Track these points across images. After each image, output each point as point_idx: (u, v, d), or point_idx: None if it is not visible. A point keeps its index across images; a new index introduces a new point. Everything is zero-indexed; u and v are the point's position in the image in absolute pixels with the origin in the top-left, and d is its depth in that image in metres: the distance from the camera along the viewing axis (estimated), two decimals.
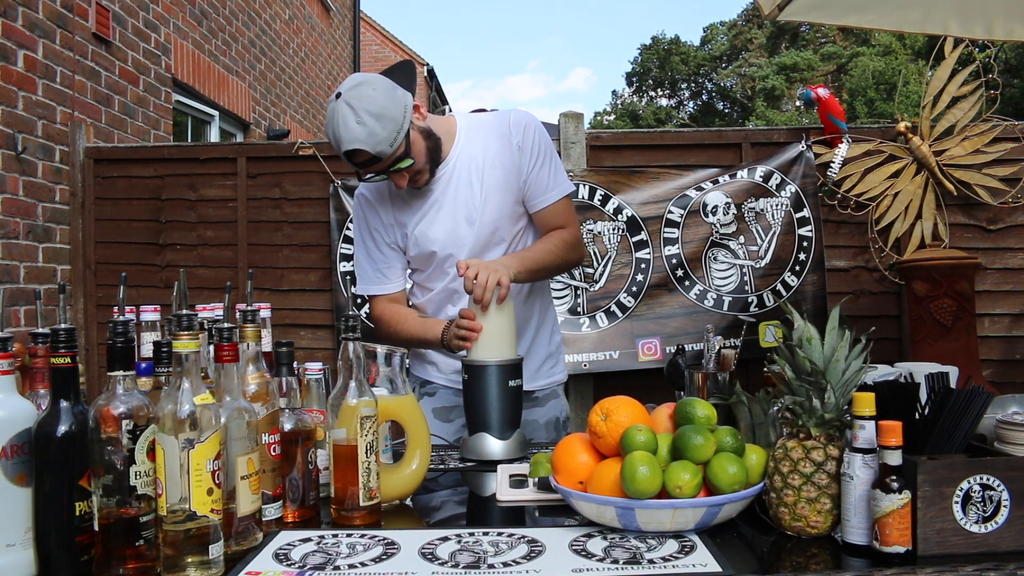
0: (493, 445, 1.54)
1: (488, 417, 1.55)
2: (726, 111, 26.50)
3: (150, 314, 1.19)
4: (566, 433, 1.89)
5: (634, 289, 3.12)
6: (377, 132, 1.56)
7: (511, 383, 1.55)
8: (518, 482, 1.35)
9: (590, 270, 3.14)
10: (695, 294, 3.12)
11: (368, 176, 1.65)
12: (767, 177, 3.13)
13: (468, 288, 1.56)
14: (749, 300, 3.12)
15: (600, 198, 3.13)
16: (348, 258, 3.20)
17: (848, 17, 2.13)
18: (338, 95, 1.58)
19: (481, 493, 1.37)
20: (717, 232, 3.14)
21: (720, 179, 3.15)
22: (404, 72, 1.66)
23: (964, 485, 0.99)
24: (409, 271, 1.86)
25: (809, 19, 2.05)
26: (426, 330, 1.73)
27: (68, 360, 0.99)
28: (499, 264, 1.61)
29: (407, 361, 1.42)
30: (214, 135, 5.32)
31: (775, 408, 1.20)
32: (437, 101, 14.95)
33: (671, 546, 1.02)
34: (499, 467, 1.45)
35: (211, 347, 1.11)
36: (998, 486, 1.00)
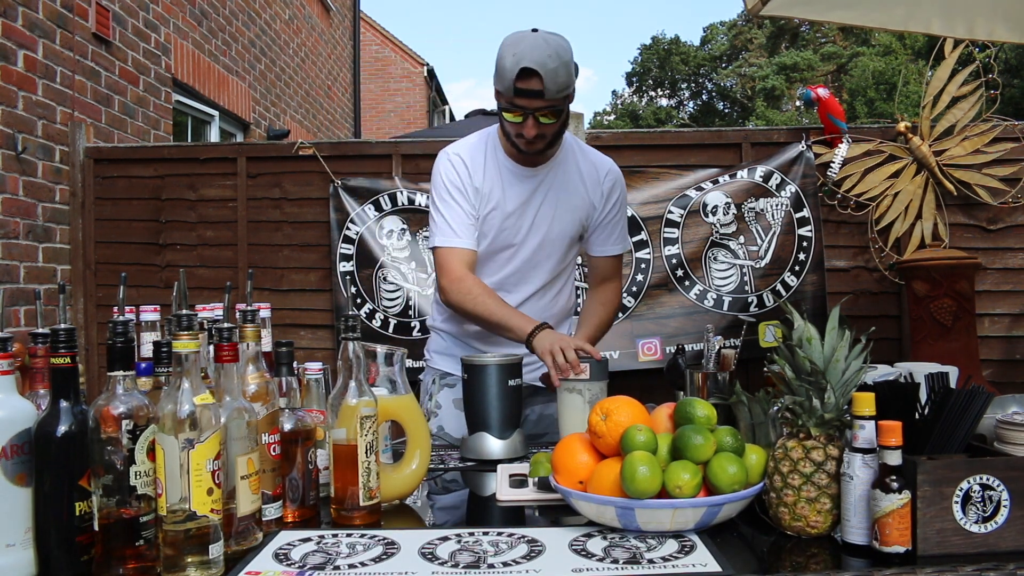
0: (493, 445, 1.54)
1: (488, 417, 1.55)
2: (726, 111, 26.50)
3: (150, 314, 1.19)
4: None
5: (634, 289, 3.12)
6: (558, 73, 1.62)
7: (511, 382, 1.55)
8: (518, 482, 1.35)
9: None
10: (695, 294, 3.12)
11: (513, 106, 1.65)
12: (767, 177, 3.13)
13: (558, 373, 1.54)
14: (749, 300, 3.12)
15: None
16: (348, 258, 3.20)
17: (832, 13, 2.14)
18: (534, 30, 1.66)
19: (481, 493, 1.38)
20: (717, 232, 3.14)
21: (720, 179, 3.15)
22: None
23: (964, 485, 0.99)
24: None
25: (792, 14, 2.05)
26: (511, 317, 1.69)
27: (68, 360, 0.99)
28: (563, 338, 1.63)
29: (407, 361, 1.41)
30: (214, 135, 5.32)
31: (775, 408, 1.20)
32: (437, 101, 14.95)
33: (671, 546, 1.02)
34: (499, 467, 1.45)
35: (211, 347, 1.11)
36: (998, 486, 1.00)
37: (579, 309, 2.08)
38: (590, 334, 1.87)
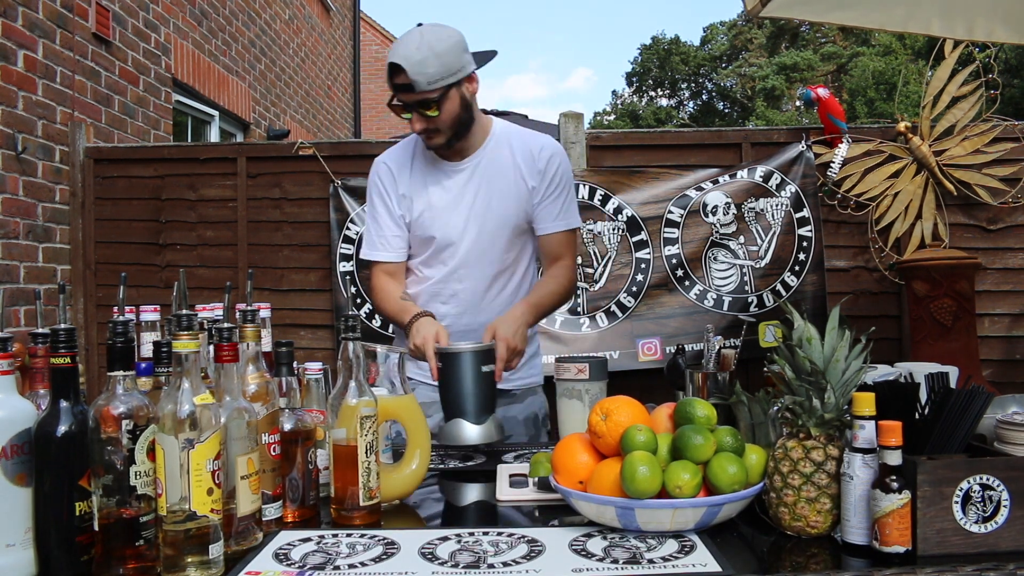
0: (469, 430, 1.54)
1: (463, 402, 1.55)
2: (726, 111, 26.50)
3: (150, 314, 1.19)
4: (545, 430, 1.93)
5: (634, 289, 3.12)
6: (427, 65, 1.62)
7: (484, 368, 1.56)
8: (518, 482, 1.35)
9: (590, 270, 3.14)
10: (695, 294, 3.12)
11: (396, 102, 1.69)
12: (767, 177, 3.13)
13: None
14: (749, 300, 3.12)
15: (600, 198, 3.13)
16: (348, 258, 3.20)
17: (831, 14, 2.14)
18: (419, 24, 1.69)
19: (481, 493, 1.37)
20: (717, 232, 3.14)
21: (720, 179, 3.15)
22: (485, 54, 1.74)
23: (964, 485, 0.99)
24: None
25: (792, 15, 2.05)
26: (399, 311, 1.78)
27: (68, 360, 0.99)
28: (518, 330, 1.68)
29: (407, 361, 1.42)
30: (214, 135, 5.32)
31: (775, 408, 1.20)
32: None
33: (671, 546, 1.02)
34: (499, 467, 1.45)
35: (211, 347, 1.11)
36: (998, 486, 1.00)
37: None
38: (536, 300, 1.79)
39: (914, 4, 2.00)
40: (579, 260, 3.14)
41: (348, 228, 3.20)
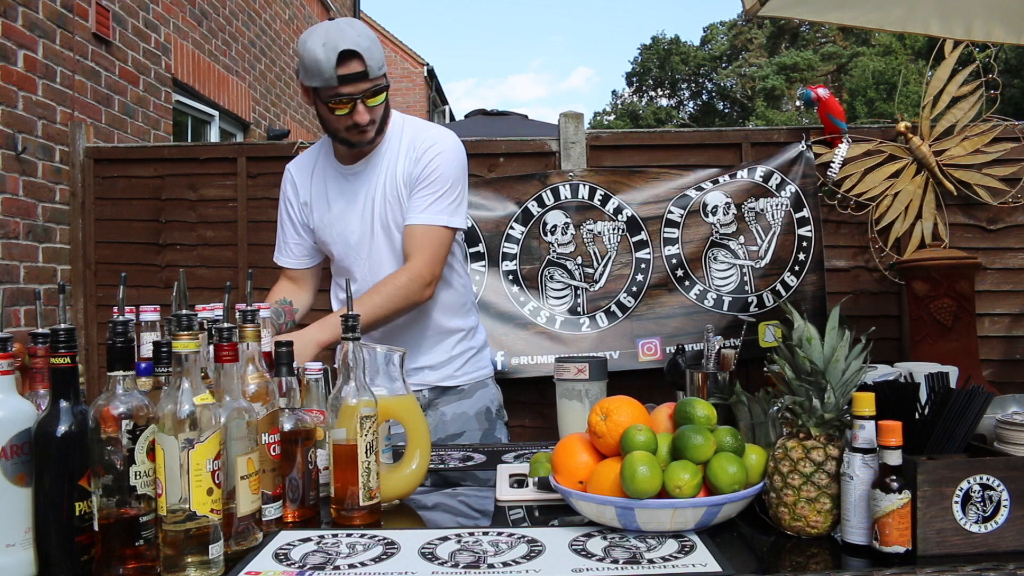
0: None
1: None
2: (726, 111, 26.49)
3: (150, 314, 1.19)
4: (502, 421, 1.92)
5: (634, 289, 3.12)
6: (374, 51, 1.61)
7: None
8: (518, 482, 1.35)
9: (590, 270, 3.14)
10: (695, 294, 3.12)
11: (338, 96, 1.61)
12: (767, 177, 3.13)
13: None
14: (749, 300, 3.12)
15: (600, 198, 3.13)
16: None
17: (830, 14, 2.14)
18: (328, 20, 1.65)
19: (481, 493, 1.37)
20: (717, 232, 3.14)
21: (720, 179, 3.15)
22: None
23: (964, 485, 0.99)
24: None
25: (790, 15, 2.05)
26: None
27: (68, 360, 0.99)
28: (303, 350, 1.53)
29: (406, 361, 1.41)
30: (214, 135, 5.32)
31: (775, 408, 1.20)
32: (437, 101, 14.95)
33: (671, 546, 1.02)
34: (499, 467, 1.45)
35: (211, 347, 1.11)
36: (998, 486, 1.00)
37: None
38: (361, 307, 1.58)
39: (912, 4, 2.01)
40: (579, 260, 3.14)
41: None
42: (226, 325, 1.09)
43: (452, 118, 15.61)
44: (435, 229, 1.73)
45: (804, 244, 3.13)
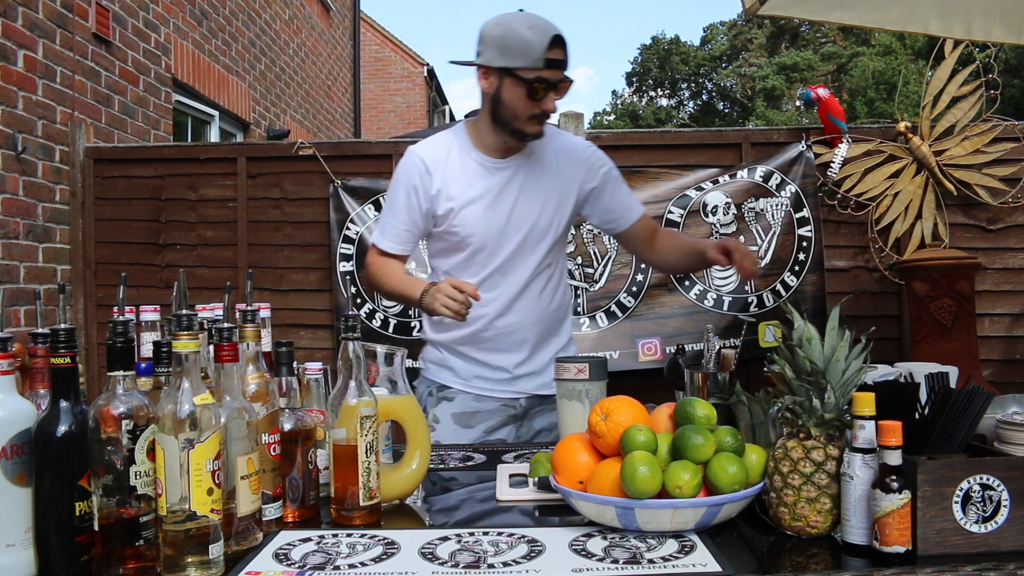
0: None
1: None
2: (726, 111, 26.49)
3: (150, 314, 1.19)
4: None
5: (634, 289, 3.12)
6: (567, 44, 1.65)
7: None
8: (518, 482, 1.35)
9: (590, 270, 3.14)
10: (695, 294, 3.12)
11: (541, 79, 1.62)
12: (767, 177, 3.13)
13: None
14: (749, 300, 3.12)
15: None
16: (348, 258, 3.20)
17: (829, 13, 2.14)
18: (519, 10, 1.66)
19: (481, 493, 1.37)
20: (717, 232, 3.14)
21: (720, 179, 3.15)
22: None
23: (964, 485, 0.99)
24: (434, 253, 1.85)
25: (790, 14, 2.05)
26: (407, 285, 1.74)
27: (68, 360, 0.99)
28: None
29: (407, 361, 1.41)
30: (214, 135, 5.32)
31: (775, 408, 1.20)
32: (437, 101, 14.95)
33: (671, 546, 1.02)
34: (499, 467, 1.45)
35: (211, 347, 1.11)
36: (998, 486, 1.00)
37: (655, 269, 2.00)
38: (688, 238, 1.82)
39: (912, 3, 2.00)
40: (579, 260, 3.14)
41: (348, 228, 3.20)
42: (226, 325, 1.09)
43: (452, 118, 15.61)
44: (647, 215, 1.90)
45: (804, 244, 3.13)
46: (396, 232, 1.79)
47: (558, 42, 1.62)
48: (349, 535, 1.09)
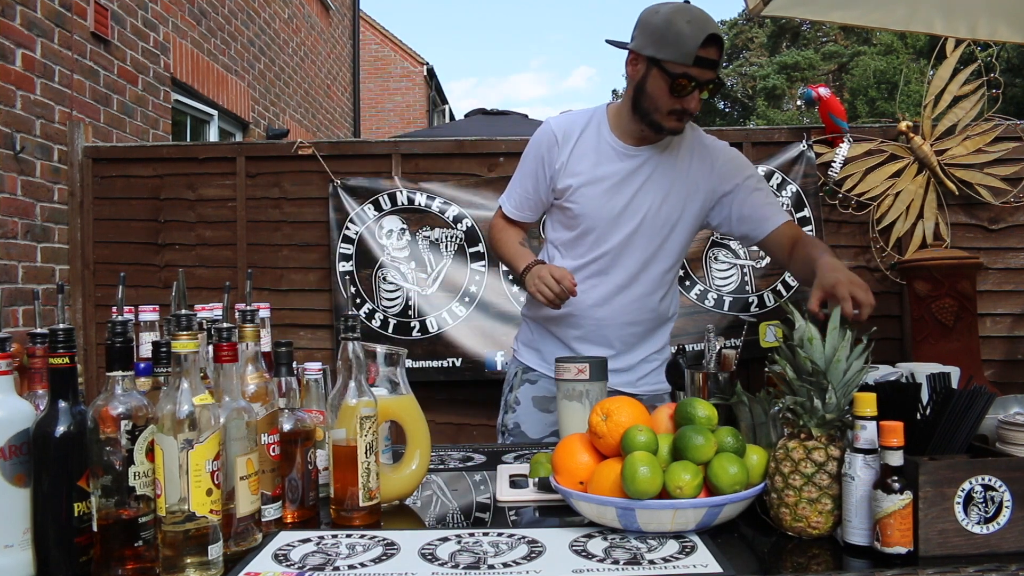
0: None
1: None
2: (727, 110, 26.49)
3: (149, 314, 1.18)
4: None
5: None
6: (723, 45, 1.61)
7: None
8: (518, 482, 1.34)
9: None
10: (696, 294, 3.12)
11: (688, 76, 1.58)
12: (768, 177, 3.12)
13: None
14: (750, 300, 3.11)
15: None
16: (347, 258, 3.20)
17: (833, 13, 2.13)
18: (686, 1, 1.61)
19: (481, 493, 1.37)
20: (718, 232, 3.13)
21: None
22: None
23: (966, 486, 0.99)
24: (550, 224, 1.83)
25: (793, 14, 2.05)
26: (516, 257, 1.76)
27: (66, 360, 0.99)
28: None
29: (407, 361, 1.41)
30: (213, 134, 5.31)
31: (776, 408, 1.19)
32: (437, 100, 14.95)
33: (672, 547, 1.02)
34: (499, 468, 1.45)
35: (210, 347, 1.11)
36: (1000, 487, 0.99)
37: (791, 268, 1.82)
38: (825, 252, 1.60)
39: (916, 3, 2.00)
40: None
41: (348, 228, 3.20)
42: (225, 325, 1.09)
43: (452, 117, 15.61)
44: (792, 222, 1.79)
45: None
46: (518, 199, 1.82)
47: (713, 41, 1.56)
48: (349, 536, 1.09)
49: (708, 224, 1.83)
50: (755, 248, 3.11)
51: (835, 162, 3.11)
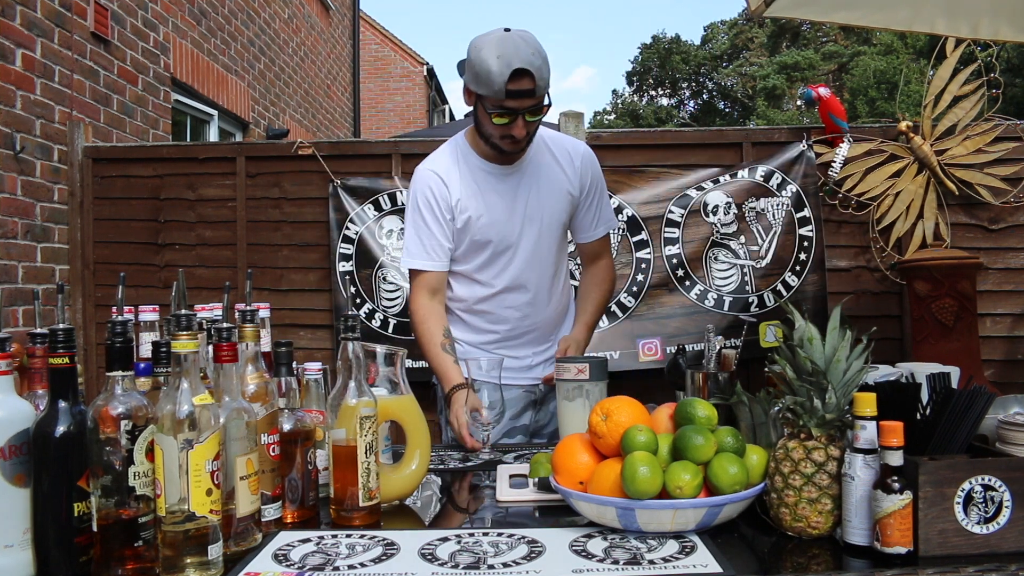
0: None
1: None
2: (727, 110, 26.48)
3: (149, 314, 1.18)
4: None
5: (634, 289, 3.11)
6: (544, 71, 1.65)
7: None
8: (518, 483, 1.34)
9: None
10: (696, 294, 3.12)
11: (503, 109, 1.65)
12: (768, 177, 3.13)
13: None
14: (750, 300, 3.11)
15: None
16: (347, 258, 3.20)
17: (836, 14, 2.13)
18: (506, 29, 1.66)
19: (481, 493, 1.37)
20: (718, 232, 3.13)
21: (721, 179, 3.15)
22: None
23: (966, 486, 0.99)
24: (457, 258, 1.85)
25: (796, 15, 2.05)
26: (444, 370, 1.76)
27: (66, 360, 0.99)
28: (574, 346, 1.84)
29: (407, 361, 1.41)
30: (213, 134, 5.31)
31: (776, 408, 1.19)
32: (437, 100, 14.95)
33: (671, 547, 1.02)
34: (499, 467, 1.45)
35: (210, 347, 1.11)
36: (1000, 487, 0.99)
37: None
38: (588, 319, 1.91)
39: (919, 3, 2.00)
40: (579, 260, 3.13)
41: (347, 228, 3.19)
42: (225, 325, 1.09)
43: (452, 117, 15.60)
44: (609, 234, 1.99)
45: (805, 244, 3.12)
46: (432, 250, 1.80)
47: (521, 74, 1.61)
48: (348, 536, 1.09)
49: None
50: (755, 248, 3.12)
51: (835, 162, 3.11)
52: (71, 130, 3.37)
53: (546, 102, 1.69)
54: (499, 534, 1.08)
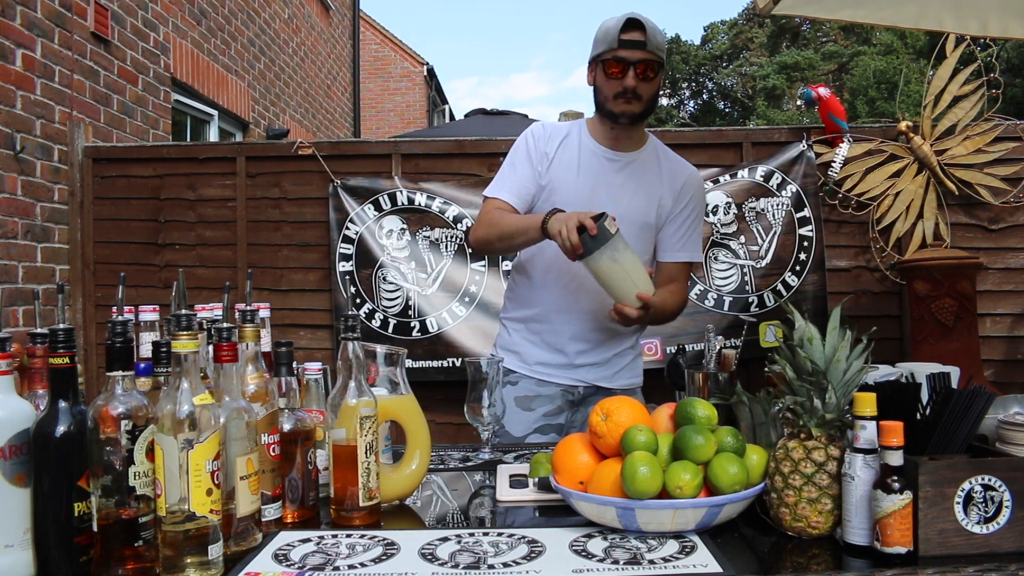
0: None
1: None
2: (727, 110, 26.48)
3: (149, 314, 1.18)
4: None
5: None
6: (657, 34, 1.73)
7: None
8: (518, 482, 1.34)
9: None
10: (695, 294, 3.12)
11: (616, 58, 1.71)
12: (768, 177, 3.13)
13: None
14: (750, 300, 3.11)
15: None
16: (348, 258, 3.20)
17: (842, 12, 2.13)
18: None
19: (481, 493, 1.37)
20: (718, 232, 3.13)
21: (721, 179, 3.15)
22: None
23: (966, 486, 0.99)
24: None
25: (803, 13, 2.05)
26: (530, 217, 1.74)
27: (67, 360, 0.99)
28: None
29: (406, 361, 1.41)
30: (213, 134, 5.31)
31: (776, 408, 1.19)
32: (437, 100, 14.95)
33: (672, 546, 1.02)
34: (499, 467, 1.45)
35: (210, 347, 1.11)
36: (1000, 487, 0.99)
37: None
38: (659, 300, 1.76)
39: (926, 1, 1.99)
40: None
41: (348, 228, 3.19)
42: (225, 325, 1.09)
43: (452, 117, 15.60)
44: (690, 265, 1.92)
45: (805, 244, 3.12)
46: (516, 185, 1.82)
47: (632, 24, 1.70)
48: (349, 536, 1.09)
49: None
50: (755, 248, 3.12)
51: (835, 162, 3.11)
52: (71, 130, 3.37)
53: (658, 61, 1.72)
54: (499, 534, 1.08)
